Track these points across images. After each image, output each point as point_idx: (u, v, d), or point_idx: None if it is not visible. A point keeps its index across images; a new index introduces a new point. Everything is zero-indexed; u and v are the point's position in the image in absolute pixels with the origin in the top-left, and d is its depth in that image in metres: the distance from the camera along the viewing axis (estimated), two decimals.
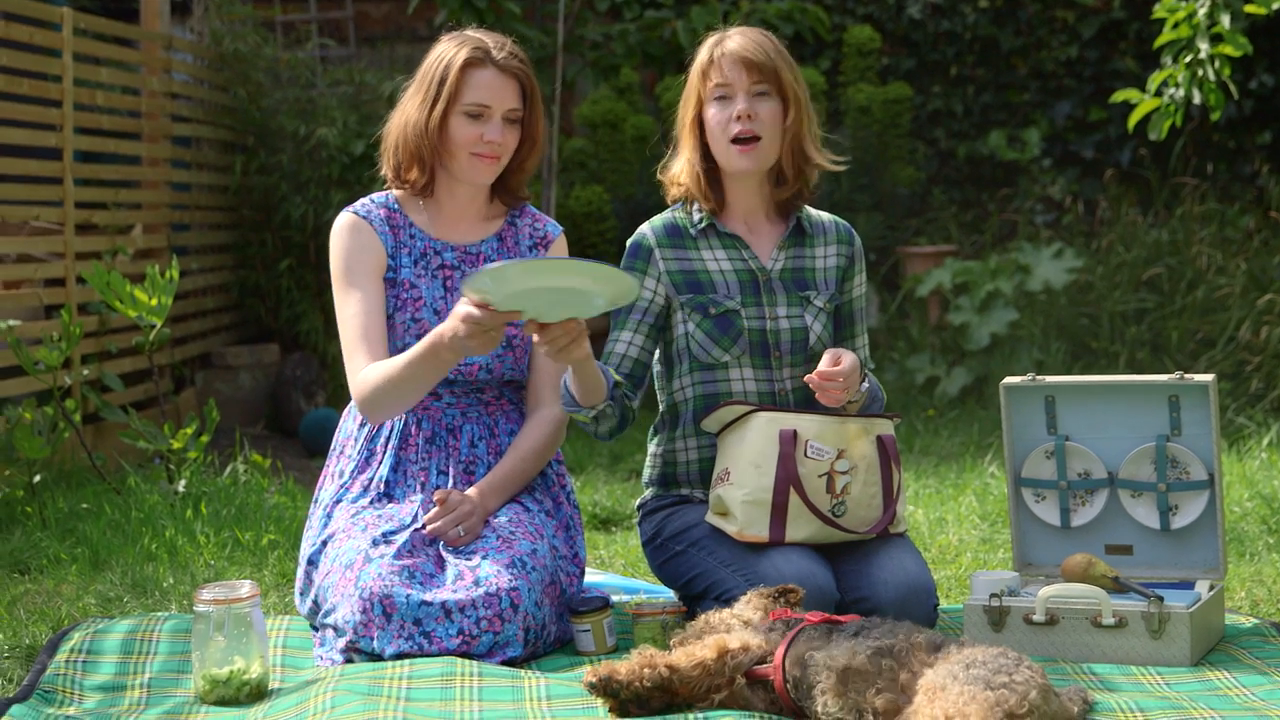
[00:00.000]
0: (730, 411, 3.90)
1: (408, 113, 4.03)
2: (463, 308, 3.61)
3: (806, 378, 3.82)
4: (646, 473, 4.19)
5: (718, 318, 4.01)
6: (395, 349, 3.97)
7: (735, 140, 3.97)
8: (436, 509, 3.85)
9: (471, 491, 3.91)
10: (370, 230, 4.05)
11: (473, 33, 4.08)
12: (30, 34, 6.59)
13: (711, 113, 4.00)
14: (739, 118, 3.95)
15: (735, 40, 4.00)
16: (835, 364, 3.80)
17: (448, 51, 4.01)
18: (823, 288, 4.10)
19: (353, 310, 3.99)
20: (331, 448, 4.16)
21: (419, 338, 3.92)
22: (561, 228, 4.24)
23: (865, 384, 3.96)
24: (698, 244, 4.06)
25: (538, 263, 3.52)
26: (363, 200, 4.13)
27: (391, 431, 4.03)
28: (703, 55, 4.04)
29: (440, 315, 3.99)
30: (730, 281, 4.04)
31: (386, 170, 4.11)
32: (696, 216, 4.07)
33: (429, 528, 3.83)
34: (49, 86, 6.76)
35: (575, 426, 4.21)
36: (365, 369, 3.92)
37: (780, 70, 3.97)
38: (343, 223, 4.07)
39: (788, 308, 4.04)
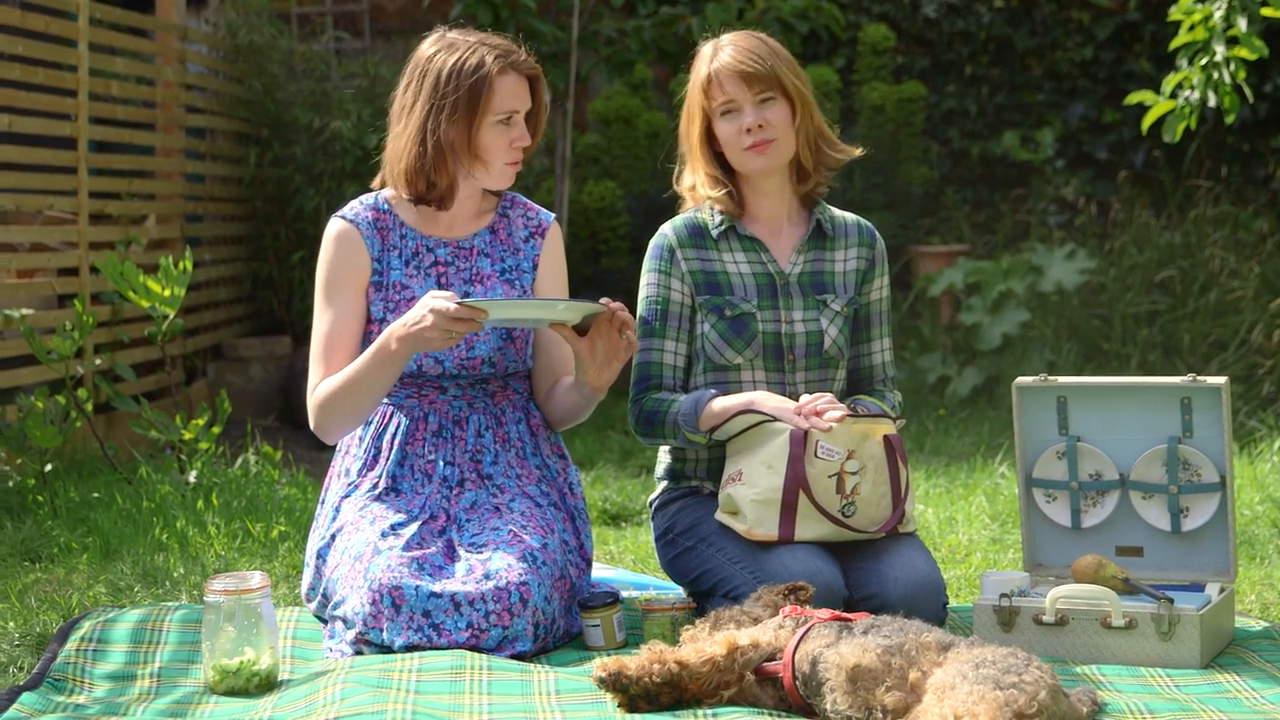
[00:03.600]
0: (741, 422, 3.89)
1: (438, 130, 3.95)
2: (439, 302, 3.68)
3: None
4: (658, 468, 4.20)
5: (733, 320, 4.01)
6: None
7: (750, 148, 3.99)
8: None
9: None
10: (356, 237, 4.05)
11: (461, 34, 4.04)
12: (46, 23, 6.60)
13: (722, 128, 4.02)
14: (749, 130, 3.98)
15: (729, 53, 3.99)
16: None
17: (467, 60, 3.95)
18: (841, 291, 4.10)
19: (322, 327, 4.03)
20: (336, 448, 4.16)
21: None
22: (554, 215, 4.23)
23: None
24: (718, 245, 4.07)
25: (537, 303, 3.85)
26: (352, 204, 4.12)
27: (398, 428, 4.04)
28: (700, 71, 4.04)
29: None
30: (748, 284, 4.04)
31: (399, 187, 4.05)
32: (717, 219, 4.08)
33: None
34: (64, 76, 6.77)
35: (586, 419, 4.23)
36: (320, 385, 3.97)
37: (780, 73, 3.97)
38: (330, 232, 4.08)
39: (804, 311, 4.05)
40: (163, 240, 7.76)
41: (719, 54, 4.01)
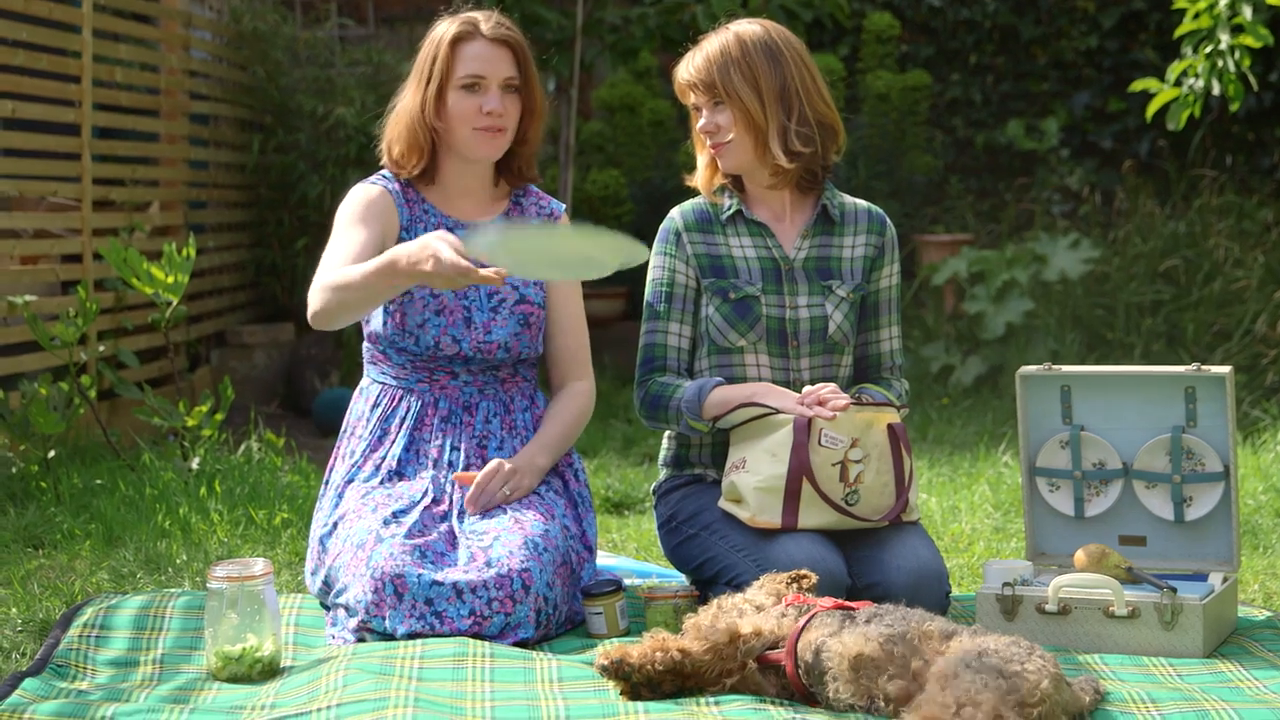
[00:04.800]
0: (746, 412, 3.89)
1: (405, 100, 4.09)
2: (445, 252, 3.58)
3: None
4: (662, 454, 4.20)
5: (736, 302, 4.01)
6: (413, 323, 4.01)
7: (711, 148, 4.08)
8: (472, 491, 3.89)
9: (519, 456, 3.97)
10: (390, 201, 4.09)
11: (464, 13, 4.13)
12: (50, 9, 6.59)
13: (697, 125, 4.12)
14: (701, 130, 4.08)
15: (684, 63, 4.09)
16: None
17: (438, 31, 4.08)
18: (848, 277, 4.10)
19: (346, 240, 3.96)
20: (342, 429, 4.17)
21: (438, 313, 4.00)
22: (564, 205, 4.26)
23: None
24: (725, 230, 4.08)
25: (543, 234, 3.74)
26: (378, 174, 4.18)
27: (408, 412, 4.05)
28: None
29: (456, 292, 4.01)
30: (753, 268, 4.05)
31: (386, 161, 4.14)
32: (726, 204, 4.09)
33: (470, 503, 3.88)
34: (68, 62, 6.76)
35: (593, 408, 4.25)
36: (327, 273, 3.86)
37: (720, 84, 4.00)
38: (362, 190, 4.10)
39: (809, 297, 4.04)
40: (166, 227, 7.76)
41: (681, 61, 4.11)
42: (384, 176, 4.15)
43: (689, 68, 4.06)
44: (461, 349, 4.02)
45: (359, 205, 4.06)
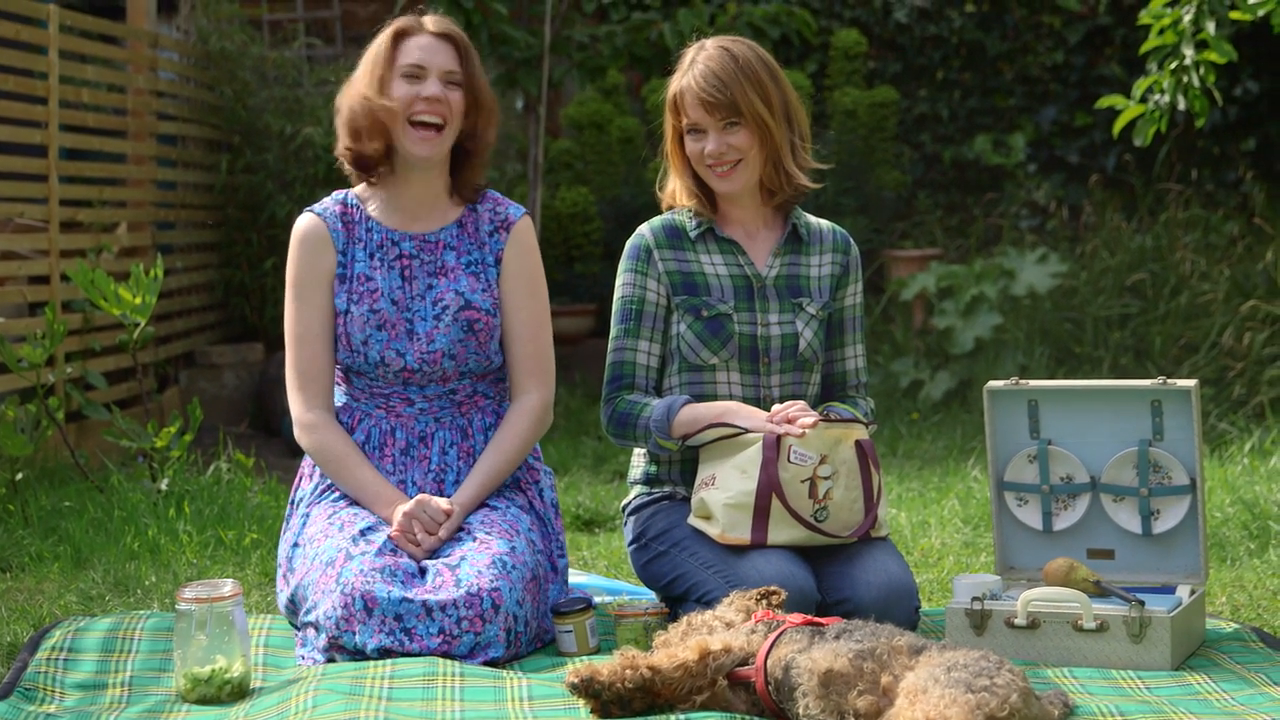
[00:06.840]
0: (715, 432, 3.89)
1: (353, 88, 4.12)
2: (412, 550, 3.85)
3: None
4: (632, 472, 4.20)
5: (709, 320, 4.02)
6: (357, 341, 4.02)
7: (713, 170, 4.02)
8: (399, 524, 3.87)
9: (453, 508, 3.93)
10: (321, 232, 4.09)
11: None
12: (16, 30, 6.58)
13: (689, 145, 4.05)
14: (711, 155, 4.00)
15: (696, 73, 4.00)
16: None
17: (384, 28, 4.17)
18: (816, 295, 4.11)
19: (293, 327, 4.08)
20: (306, 455, 4.15)
21: (379, 328, 4.01)
22: (525, 210, 4.23)
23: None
24: (696, 247, 4.08)
25: None
26: (323, 199, 4.18)
27: (366, 442, 4.04)
28: (672, 88, 4.06)
29: (398, 304, 4.03)
30: (725, 285, 4.05)
31: (342, 152, 4.13)
32: (695, 221, 4.09)
33: (395, 535, 3.85)
34: (35, 83, 6.75)
35: (560, 424, 4.23)
36: (322, 430, 4.03)
37: (740, 102, 3.96)
38: (297, 231, 4.12)
39: (780, 314, 4.05)
40: (134, 248, 7.74)
41: (690, 70, 4.02)
42: (330, 199, 4.15)
43: (704, 86, 3.97)
44: (406, 362, 4.01)
45: (294, 265, 4.09)
